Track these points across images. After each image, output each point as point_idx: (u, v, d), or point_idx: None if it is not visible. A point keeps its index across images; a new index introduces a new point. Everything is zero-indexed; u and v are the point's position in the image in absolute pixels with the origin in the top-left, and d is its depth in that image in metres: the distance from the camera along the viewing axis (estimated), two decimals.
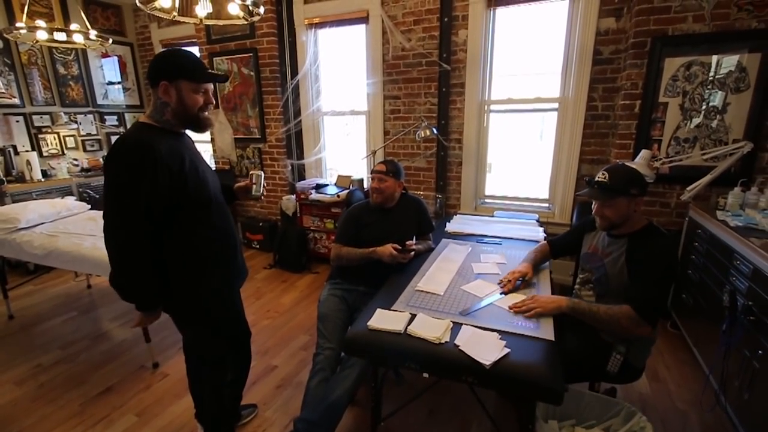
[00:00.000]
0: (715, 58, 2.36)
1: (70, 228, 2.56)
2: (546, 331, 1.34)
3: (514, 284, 1.64)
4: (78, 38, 2.79)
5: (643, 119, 2.59)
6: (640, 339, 1.45)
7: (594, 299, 1.62)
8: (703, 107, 2.44)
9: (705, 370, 2.04)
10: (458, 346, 1.25)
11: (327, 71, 3.81)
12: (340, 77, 3.79)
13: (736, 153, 2.24)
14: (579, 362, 1.55)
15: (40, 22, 2.59)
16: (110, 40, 2.91)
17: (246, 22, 2.36)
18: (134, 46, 4.65)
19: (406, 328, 1.34)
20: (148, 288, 1.30)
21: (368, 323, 1.38)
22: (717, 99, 2.40)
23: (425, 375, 1.29)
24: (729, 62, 2.34)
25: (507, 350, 1.22)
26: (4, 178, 3.28)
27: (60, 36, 2.73)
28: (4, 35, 2.62)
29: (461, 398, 1.97)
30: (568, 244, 1.85)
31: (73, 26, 2.73)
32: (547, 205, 3.28)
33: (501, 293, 1.60)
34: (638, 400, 1.97)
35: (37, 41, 2.75)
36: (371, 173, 2.04)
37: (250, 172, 1.67)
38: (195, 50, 4.10)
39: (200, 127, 1.38)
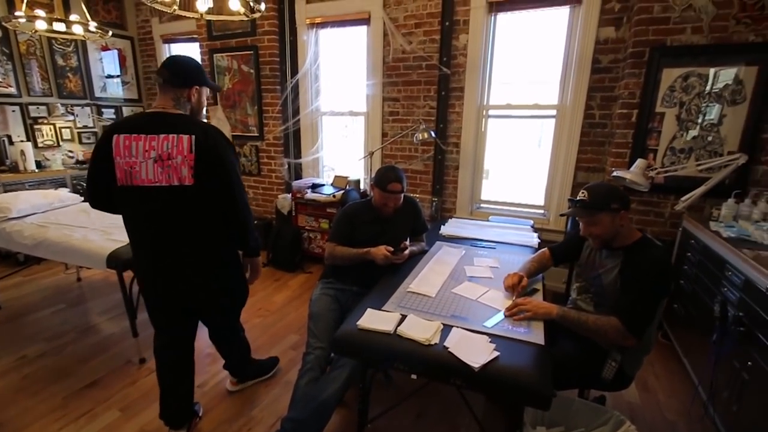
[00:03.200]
0: (712, 70, 2.38)
1: (61, 219, 2.53)
2: (536, 335, 1.33)
3: (521, 290, 1.62)
4: (77, 29, 2.78)
5: (639, 128, 2.60)
6: (635, 347, 1.44)
7: (592, 308, 1.62)
8: (700, 119, 2.46)
9: (694, 381, 2.04)
10: (447, 348, 1.24)
11: (327, 71, 3.81)
12: (340, 78, 3.80)
13: (730, 165, 2.25)
14: (573, 367, 1.55)
15: (40, 12, 2.58)
16: (110, 33, 2.90)
17: (247, 19, 2.36)
18: (135, 40, 4.63)
19: (396, 328, 1.33)
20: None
21: (358, 323, 1.37)
22: (714, 112, 2.42)
23: (413, 376, 1.28)
24: (726, 75, 2.35)
25: (496, 353, 1.21)
26: None
27: (59, 26, 2.71)
28: (3, 24, 2.59)
29: (450, 402, 1.95)
30: (569, 251, 1.83)
31: (73, 17, 2.71)
32: (542, 211, 3.29)
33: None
34: (627, 410, 1.96)
35: (36, 31, 2.73)
36: (383, 190, 1.89)
37: None
38: (195, 46, 4.09)
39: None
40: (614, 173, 2.54)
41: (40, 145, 3.85)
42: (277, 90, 3.78)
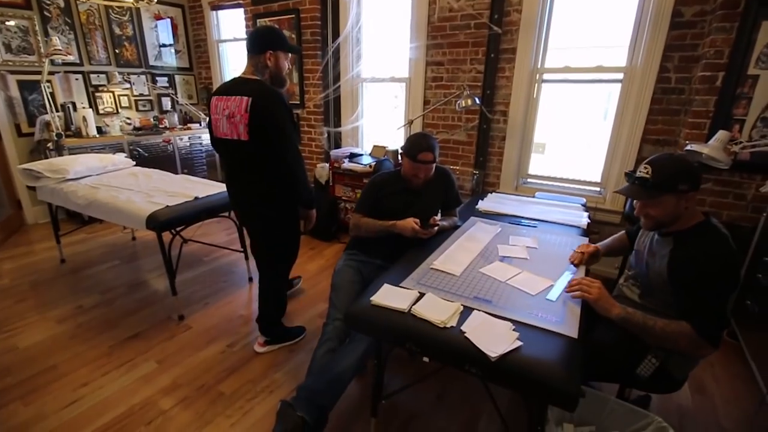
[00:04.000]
0: None
1: (112, 182, 2.68)
2: (570, 326, 1.18)
3: (584, 259, 1.56)
4: None
5: (724, 95, 2.20)
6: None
7: (637, 297, 1.43)
8: None
9: (762, 389, 1.77)
10: (464, 333, 1.13)
11: (369, 35, 3.63)
12: (383, 41, 3.61)
13: None
14: (608, 359, 1.39)
15: None
16: (155, 0, 2.93)
17: None
18: (185, 8, 4.71)
19: (411, 307, 1.24)
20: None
21: (371, 298, 1.29)
22: None
23: (425, 359, 1.19)
24: None
25: (519, 343, 1.09)
26: (63, 132, 3.50)
27: None
28: None
29: (473, 387, 1.85)
30: None
31: None
32: (598, 189, 2.97)
33: (572, 270, 1.53)
34: (676, 413, 1.76)
35: None
36: (413, 160, 1.76)
37: None
38: (239, 12, 4.07)
39: (283, 85, 1.83)
40: (688, 147, 2.20)
41: (101, 111, 4.10)
42: (318, 56, 3.68)
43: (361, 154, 3.56)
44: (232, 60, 4.76)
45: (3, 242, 3.35)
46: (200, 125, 4.61)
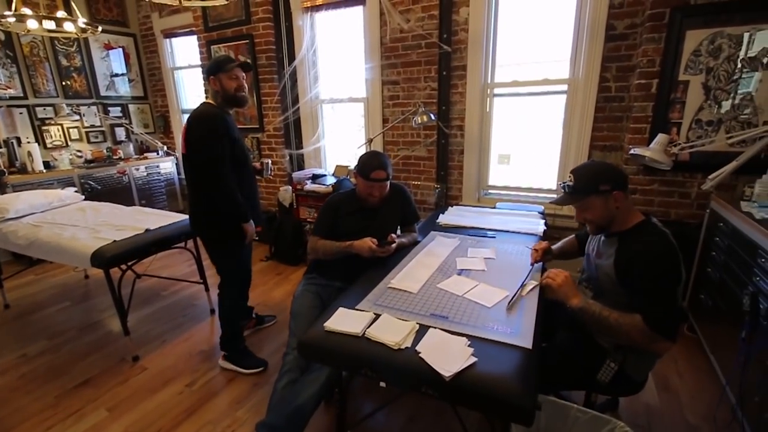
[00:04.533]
0: (746, 33, 2.08)
1: (57, 218, 2.54)
2: (524, 337, 1.18)
3: (541, 255, 1.64)
4: (68, 26, 2.75)
5: (660, 100, 2.33)
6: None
7: (590, 299, 1.45)
8: (730, 87, 2.17)
9: (722, 381, 1.82)
10: (419, 353, 1.10)
11: (324, 56, 3.66)
12: (338, 62, 3.64)
13: (766, 137, 1.97)
14: (568, 367, 1.39)
15: (26, 10, 2.55)
16: (99, 29, 2.86)
17: (226, 2, 2.25)
18: (137, 37, 4.62)
19: (365, 330, 1.21)
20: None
21: (325, 324, 1.25)
22: (751, 81, 2.12)
23: (382, 384, 1.15)
24: (765, 36, 2.05)
25: (473, 359, 1.07)
26: (5, 170, 3.31)
27: (49, 25, 2.68)
28: None
29: (445, 407, 1.81)
30: None
31: (60, 14, 2.67)
32: (555, 196, 3.05)
33: (531, 265, 1.62)
34: (644, 413, 1.77)
35: (29, 31, 2.72)
36: (367, 179, 1.76)
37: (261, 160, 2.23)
38: (193, 39, 4.03)
39: (239, 104, 1.93)
40: (632, 151, 2.30)
41: (48, 145, 3.91)
42: (274, 79, 3.67)
43: (324, 175, 3.54)
44: (188, 87, 4.68)
45: None
46: (158, 154, 4.48)
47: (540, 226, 2.18)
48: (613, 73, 2.57)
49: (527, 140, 3.42)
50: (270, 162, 2.25)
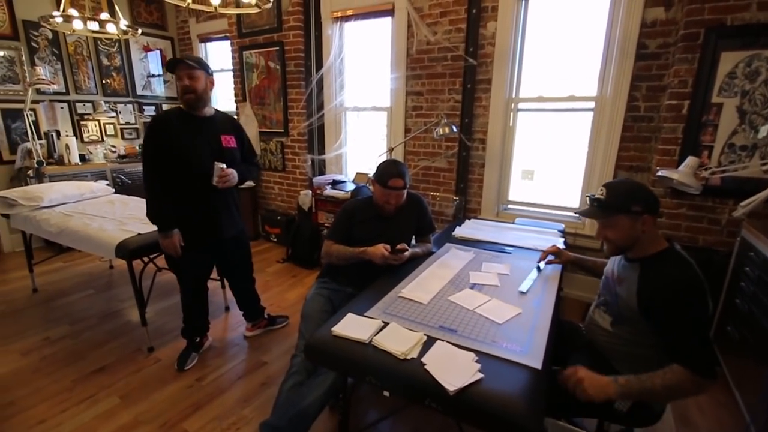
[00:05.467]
0: None
1: (87, 209, 2.65)
2: (534, 357, 1.15)
3: (544, 256, 1.79)
4: (110, 28, 2.90)
5: (691, 122, 2.26)
6: None
7: (608, 324, 1.40)
8: (767, 111, 2.09)
9: (746, 419, 1.72)
10: (424, 364, 1.10)
11: (351, 65, 3.73)
12: (364, 72, 3.70)
13: None
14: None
15: (73, 11, 2.70)
16: (139, 31, 3.00)
17: (259, 10, 2.33)
18: (174, 40, 4.82)
19: (372, 338, 1.21)
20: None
21: (332, 328, 1.26)
22: None
23: (386, 393, 1.15)
24: None
25: (480, 375, 1.05)
26: (44, 160, 3.49)
27: (93, 26, 2.84)
28: (42, 24, 2.75)
29: (450, 422, 1.78)
30: None
31: (103, 16, 2.82)
32: (577, 215, 2.99)
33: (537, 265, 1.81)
34: None
35: (74, 31, 2.88)
36: (384, 186, 1.77)
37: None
38: (227, 44, 4.17)
39: (187, 107, 1.86)
40: (659, 173, 2.23)
41: (85, 139, 4.11)
42: (301, 86, 3.75)
43: (344, 181, 3.58)
44: (219, 89, 4.83)
45: None
46: None
47: (559, 245, 2.13)
48: (642, 92, 2.51)
49: (551, 156, 3.38)
50: (221, 165, 1.87)
